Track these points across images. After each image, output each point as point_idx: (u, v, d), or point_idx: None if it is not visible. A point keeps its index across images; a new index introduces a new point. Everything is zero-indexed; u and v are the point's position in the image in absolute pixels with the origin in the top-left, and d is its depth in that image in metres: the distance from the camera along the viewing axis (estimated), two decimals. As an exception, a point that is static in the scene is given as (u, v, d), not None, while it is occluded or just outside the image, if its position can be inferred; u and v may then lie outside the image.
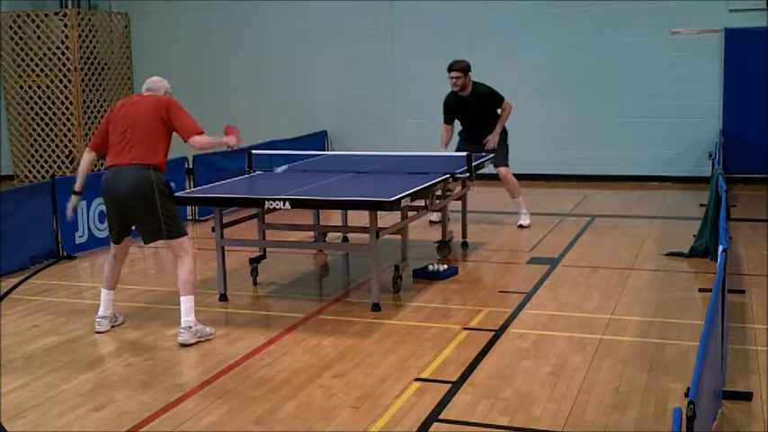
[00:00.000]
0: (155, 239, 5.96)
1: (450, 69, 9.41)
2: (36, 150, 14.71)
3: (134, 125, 5.95)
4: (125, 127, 5.97)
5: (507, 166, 9.69)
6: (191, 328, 5.88)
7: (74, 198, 6.30)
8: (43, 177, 14.17)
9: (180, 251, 5.99)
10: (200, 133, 6.13)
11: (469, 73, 9.44)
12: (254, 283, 7.49)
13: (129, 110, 6.05)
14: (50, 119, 14.50)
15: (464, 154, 7.97)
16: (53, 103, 14.43)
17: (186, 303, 5.93)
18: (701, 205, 9.57)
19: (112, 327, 6.27)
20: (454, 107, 9.63)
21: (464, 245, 8.66)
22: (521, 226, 9.67)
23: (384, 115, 14.06)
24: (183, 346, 5.82)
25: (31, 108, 14.59)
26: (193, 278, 6.03)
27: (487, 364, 5.38)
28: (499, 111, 9.66)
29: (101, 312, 6.24)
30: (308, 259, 8.36)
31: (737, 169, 12.05)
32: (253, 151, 8.43)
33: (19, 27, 14.45)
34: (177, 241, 5.97)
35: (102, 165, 15.19)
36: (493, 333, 5.97)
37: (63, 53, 14.22)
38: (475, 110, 9.56)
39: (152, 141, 5.96)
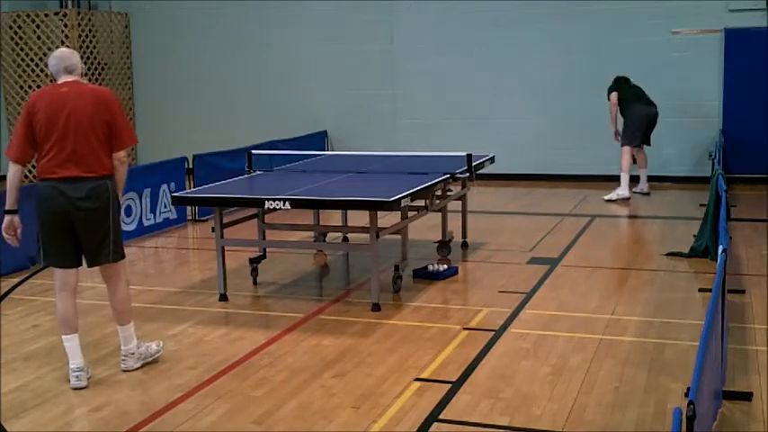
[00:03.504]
0: (100, 263, 5.28)
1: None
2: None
3: (76, 129, 5.05)
4: (64, 130, 5.05)
5: (622, 145, 11.59)
6: (133, 354, 5.40)
7: (9, 218, 5.29)
8: (43, 177, 14.15)
9: (120, 273, 5.38)
10: (134, 144, 5.40)
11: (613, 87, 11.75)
12: (254, 283, 7.48)
13: (64, 107, 5.07)
14: (50, 119, 14.47)
15: (464, 154, 7.97)
16: (53, 103, 14.40)
17: (125, 332, 5.39)
18: (701, 205, 9.57)
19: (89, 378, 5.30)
20: None
21: (464, 245, 8.66)
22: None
23: (384, 115, 14.06)
24: (127, 371, 5.39)
25: (31, 108, 14.57)
26: (130, 304, 5.46)
27: (487, 364, 5.38)
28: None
29: (76, 363, 5.20)
30: (308, 259, 8.36)
31: (737, 169, 12.05)
32: (253, 151, 8.42)
33: (19, 27, 14.45)
34: (121, 263, 5.39)
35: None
36: (493, 333, 5.97)
37: (63, 53, 14.19)
38: None
39: (102, 146, 5.13)
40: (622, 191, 11.39)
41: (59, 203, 5.10)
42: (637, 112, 11.54)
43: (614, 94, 11.60)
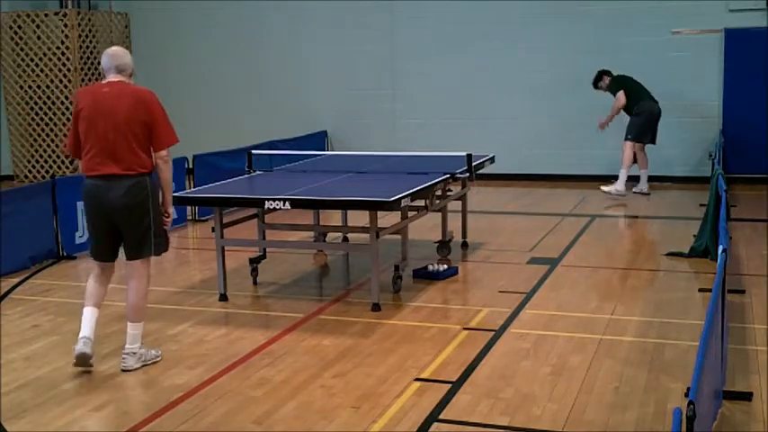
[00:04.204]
0: (142, 256, 5.44)
1: (595, 87, 11.93)
2: (36, 150, 14.70)
3: (115, 128, 5.23)
4: (103, 129, 5.25)
5: (627, 139, 11.57)
6: (135, 353, 5.43)
7: None
8: (43, 177, 14.16)
9: (144, 270, 5.49)
10: (175, 143, 5.43)
11: (604, 76, 11.77)
12: (254, 283, 7.48)
13: (104, 106, 5.27)
14: (50, 119, 14.49)
15: (464, 154, 7.97)
16: (53, 103, 14.42)
17: (134, 330, 5.43)
18: (701, 205, 9.57)
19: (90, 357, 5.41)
20: None
21: (464, 245, 8.66)
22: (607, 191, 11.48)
23: (384, 115, 14.06)
24: (125, 371, 5.37)
25: (31, 108, 14.58)
26: (145, 303, 5.54)
27: (487, 364, 5.38)
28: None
29: (85, 332, 5.35)
30: (307, 259, 8.36)
31: (737, 169, 12.05)
32: (253, 151, 8.42)
33: (19, 27, 14.44)
34: (149, 262, 5.52)
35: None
36: (493, 333, 5.97)
37: (63, 53, 14.20)
38: None
39: (140, 145, 5.30)
40: (621, 186, 11.40)
41: (100, 200, 5.31)
42: (647, 108, 11.50)
43: (622, 93, 11.49)
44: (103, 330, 6.25)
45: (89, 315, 5.41)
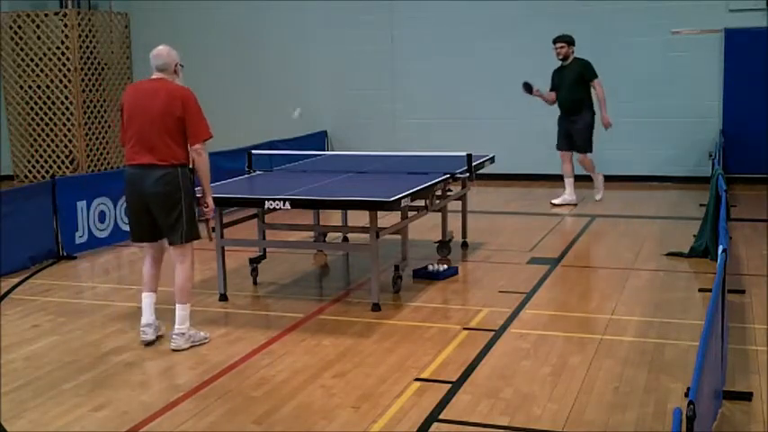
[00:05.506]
0: (174, 243, 5.82)
1: (554, 42, 10.97)
2: (36, 150, 14.70)
3: (151, 122, 5.63)
4: (140, 123, 5.66)
5: (587, 152, 11.09)
6: (183, 334, 5.78)
7: None
8: (43, 177, 14.16)
9: (186, 255, 5.88)
10: (209, 138, 5.77)
11: (572, 47, 10.92)
12: (254, 283, 7.49)
13: (142, 101, 5.70)
14: (50, 119, 14.49)
15: (464, 154, 7.97)
16: (53, 103, 14.42)
17: (181, 311, 5.81)
18: (701, 205, 9.57)
19: (157, 337, 5.94)
20: (554, 75, 11.13)
21: (464, 245, 8.66)
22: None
23: (384, 115, 14.06)
24: (176, 351, 5.73)
25: (31, 108, 14.58)
26: (191, 285, 5.94)
27: (487, 364, 5.38)
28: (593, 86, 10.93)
29: (144, 320, 5.92)
30: (308, 259, 8.36)
31: (737, 169, 12.05)
32: (253, 151, 8.43)
33: (19, 27, 14.45)
34: (190, 247, 5.90)
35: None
36: (493, 333, 5.97)
37: (63, 53, 14.21)
38: (567, 79, 10.94)
39: (173, 138, 5.66)
40: (601, 186, 11.29)
41: (136, 187, 5.74)
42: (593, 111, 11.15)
43: (599, 82, 10.87)
44: (103, 331, 6.27)
45: (146, 302, 5.93)
